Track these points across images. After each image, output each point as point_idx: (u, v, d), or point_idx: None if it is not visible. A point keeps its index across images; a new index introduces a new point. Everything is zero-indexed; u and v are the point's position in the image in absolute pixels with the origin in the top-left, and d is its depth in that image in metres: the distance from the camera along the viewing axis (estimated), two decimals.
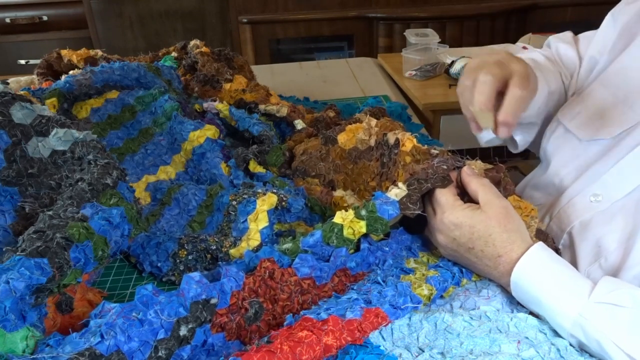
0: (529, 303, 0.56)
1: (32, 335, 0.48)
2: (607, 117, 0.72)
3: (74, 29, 2.64)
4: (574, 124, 0.76)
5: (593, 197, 0.67)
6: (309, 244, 0.59)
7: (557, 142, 0.78)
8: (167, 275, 0.68)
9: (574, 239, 0.68)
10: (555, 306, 0.52)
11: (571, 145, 0.75)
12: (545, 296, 0.53)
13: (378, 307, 0.53)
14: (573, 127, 0.75)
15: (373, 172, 0.79)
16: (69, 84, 0.87)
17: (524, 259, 0.56)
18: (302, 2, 2.58)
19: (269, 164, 0.87)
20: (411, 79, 1.71)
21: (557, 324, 0.53)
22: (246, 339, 0.54)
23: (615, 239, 0.63)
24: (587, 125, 0.74)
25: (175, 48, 1.23)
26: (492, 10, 2.55)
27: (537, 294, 0.54)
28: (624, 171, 0.66)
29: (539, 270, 0.55)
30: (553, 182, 0.76)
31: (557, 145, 0.77)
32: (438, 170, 0.63)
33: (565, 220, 0.70)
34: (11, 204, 0.63)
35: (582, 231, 0.67)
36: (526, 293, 0.55)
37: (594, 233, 0.65)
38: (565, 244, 0.69)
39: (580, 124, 0.75)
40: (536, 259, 0.56)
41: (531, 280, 0.55)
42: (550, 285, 0.54)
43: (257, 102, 1.00)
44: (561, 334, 0.53)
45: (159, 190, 0.82)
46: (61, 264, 0.50)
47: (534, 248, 0.57)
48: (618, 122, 0.70)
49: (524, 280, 0.55)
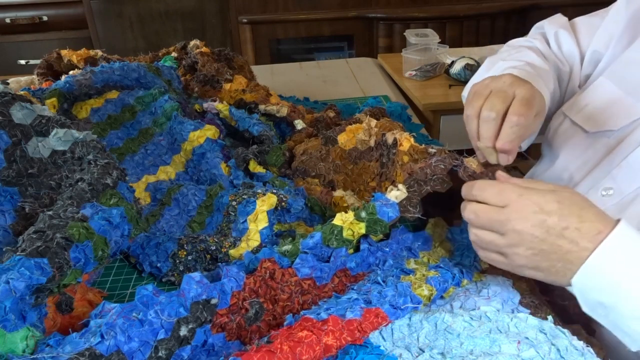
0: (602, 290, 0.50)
1: (32, 335, 0.48)
2: (614, 110, 0.71)
3: (74, 29, 2.64)
4: (580, 116, 0.75)
5: (604, 191, 0.67)
6: (308, 246, 0.59)
7: (564, 136, 0.77)
8: (167, 275, 0.68)
9: None
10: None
11: (578, 139, 0.74)
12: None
13: (378, 307, 0.53)
14: (579, 119, 0.75)
15: (373, 173, 0.79)
16: (69, 84, 0.86)
17: (616, 235, 0.49)
18: (302, 2, 2.58)
19: (269, 164, 0.87)
20: (411, 79, 1.71)
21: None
22: (246, 339, 0.54)
23: None
24: (594, 118, 0.73)
25: (175, 48, 1.23)
26: (492, 10, 2.56)
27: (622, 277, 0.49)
28: (634, 164, 0.66)
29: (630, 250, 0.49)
30: (561, 177, 0.76)
31: (563, 140, 0.77)
32: (436, 170, 0.63)
33: None
34: (11, 204, 0.63)
35: None
36: (608, 275, 0.49)
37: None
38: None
39: (587, 117, 0.74)
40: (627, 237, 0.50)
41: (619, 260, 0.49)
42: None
43: (257, 102, 1.00)
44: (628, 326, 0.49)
45: (159, 191, 0.82)
46: (61, 264, 0.50)
47: (622, 224, 0.50)
48: (625, 114, 0.70)
49: (612, 259, 0.49)
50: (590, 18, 0.83)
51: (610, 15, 0.79)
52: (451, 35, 2.55)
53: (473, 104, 0.65)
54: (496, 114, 0.63)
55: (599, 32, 0.79)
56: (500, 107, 0.63)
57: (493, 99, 0.64)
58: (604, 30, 0.79)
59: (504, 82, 0.65)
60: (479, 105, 0.64)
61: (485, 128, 0.63)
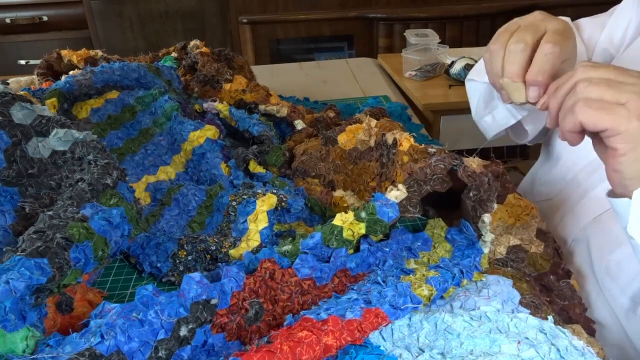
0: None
1: (32, 336, 0.48)
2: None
3: (74, 29, 2.64)
4: None
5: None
6: (308, 246, 0.59)
7: None
8: (167, 275, 0.68)
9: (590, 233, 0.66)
10: None
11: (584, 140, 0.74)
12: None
13: (378, 308, 0.53)
14: None
15: (373, 173, 0.79)
16: (69, 84, 0.86)
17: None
18: (302, 2, 2.58)
19: (269, 164, 0.87)
20: (411, 79, 1.71)
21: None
22: (246, 339, 0.54)
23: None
24: None
25: (175, 48, 1.23)
26: (492, 10, 2.56)
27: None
28: None
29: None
30: (564, 178, 0.75)
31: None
32: (436, 170, 0.63)
33: (581, 215, 0.68)
34: (11, 204, 0.63)
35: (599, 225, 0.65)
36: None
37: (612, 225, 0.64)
38: (579, 239, 0.68)
39: None
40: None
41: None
42: None
43: (257, 103, 1.00)
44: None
45: (159, 191, 0.82)
46: (61, 264, 0.50)
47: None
48: None
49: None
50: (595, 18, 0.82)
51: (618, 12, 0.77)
52: (451, 36, 2.56)
53: (499, 37, 0.60)
54: (525, 44, 0.57)
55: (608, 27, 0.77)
56: (531, 38, 0.58)
57: (522, 31, 0.58)
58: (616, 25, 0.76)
59: (534, 17, 0.60)
60: (505, 38, 0.59)
61: (512, 60, 0.58)
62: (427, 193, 0.62)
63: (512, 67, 0.58)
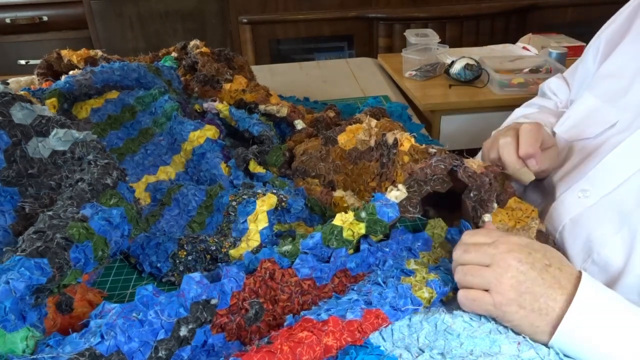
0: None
1: (32, 336, 0.48)
2: (592, 118, 0.74)
3: (74, 29, 2.64)
4: (562, 128, 0.79)
5: (581, 192, 0.68)
6: (308, 246, 0.59)
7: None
8: (167, 275, 0.68)
9: (566, 236, 0.68)
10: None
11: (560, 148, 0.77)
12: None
13: (379, 309, 0.53)
14: (561, 131, 0.79)
15: (373, 173, 0.79)
16: (69, 84, 0.86)
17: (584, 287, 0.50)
18: (302, 2, 2.58)
19: (269, 164, 0.87)
20: (411, 79, 1.71)
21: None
22: (246, 339, 0.54)
23: (605, 232, 0.63)
24: (575, 128, 0.77)
25: (175, 48, 1.23)
26: (492, 10, 2.55)
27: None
28: (610, 166, 0.67)
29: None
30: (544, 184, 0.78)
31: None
32: (436, 170, 0.63)
33: (556, 218, 0.70)
34: (11, 204, 0.63)
35: (573, 228, 0.68)
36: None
37: (585, 228, 0.66)
38: (557, 243, 0.69)
39: (568, 128, 0.78)
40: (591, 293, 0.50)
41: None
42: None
43: (257, 102, 1.00)
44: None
45: (159, 191, 0.82)
46: (61, 264, 0.50)
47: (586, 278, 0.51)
48: (602, 121, 0.72)
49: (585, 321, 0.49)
50: (572, 66, 0.94)
51: (584, 55, 0.88)
52: (451, 35, 2.55)
53: (490, 152, 0.73)
54: (510, 137, 0.69)
55: (578, 71, 0.90)
56: (512, 132, 0.70)
57: (504, 132, 0.71)
58: (582, 64, 0.89)
59: (507, 129, 0.73)
60: (493, 144, 0.72)
61: (506, 152, 0.69)
62: (428, 193, 0.62)
63: (508, 158, 0.69)
